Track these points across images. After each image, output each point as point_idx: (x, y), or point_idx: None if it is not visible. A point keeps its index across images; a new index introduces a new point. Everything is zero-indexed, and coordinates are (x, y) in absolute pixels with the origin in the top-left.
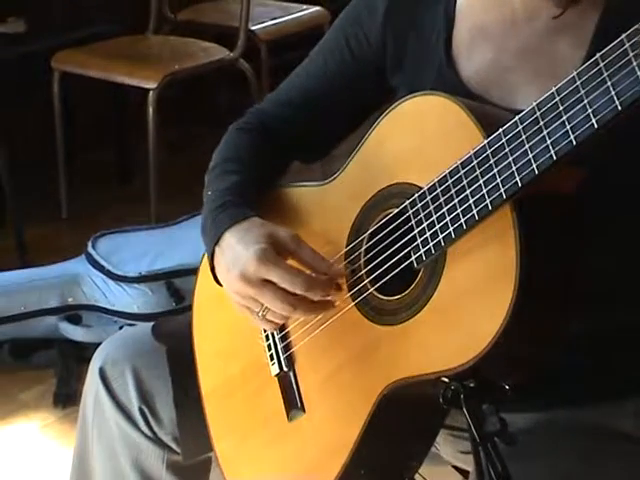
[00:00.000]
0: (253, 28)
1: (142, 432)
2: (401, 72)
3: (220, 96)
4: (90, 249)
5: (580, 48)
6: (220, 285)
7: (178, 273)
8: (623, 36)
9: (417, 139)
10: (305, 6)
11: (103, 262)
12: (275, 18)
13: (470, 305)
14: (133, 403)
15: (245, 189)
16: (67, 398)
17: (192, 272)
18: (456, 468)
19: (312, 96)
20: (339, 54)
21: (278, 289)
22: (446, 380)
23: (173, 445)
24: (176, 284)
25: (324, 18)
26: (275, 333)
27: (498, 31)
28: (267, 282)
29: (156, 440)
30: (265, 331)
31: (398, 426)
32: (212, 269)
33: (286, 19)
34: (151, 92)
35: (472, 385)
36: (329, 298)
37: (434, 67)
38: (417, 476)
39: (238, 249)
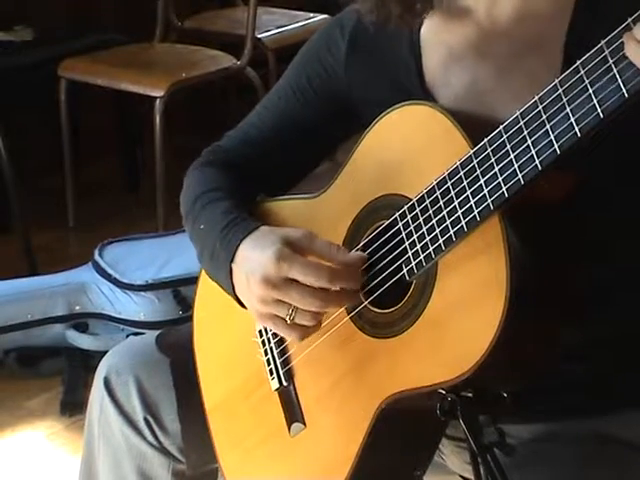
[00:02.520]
0: (260, 36)
1: (147, 441)
2: (375, 107)
3: (227, 104)
4: (97, 257)
5: (553, 62)
6: (244, 307)
7: (185, 281)
8: (602, 42)
9: (405, 149)
10: (312, 14)
11: (110, 270)
12: (282, 26)
13: (463, 316)
14: (138, 413)
15: (241, 208)
16: (74, 406)
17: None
18: (464, 479)
19: (273, 135)
20: (301, 93)
21: (304, 285)
22: (443, 392)
23: (178, 454)
24: (183, 292)
25: None
26: (274, 347)
27: (470, 52)
28: (291, 281)
29: (161, 449)
30: (264, 345)
31: (398, 438)
32: (233, 289)
33: (293, 27)
34: (158, 100)
35: (469, 396)
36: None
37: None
38: None
39: (254, 256)
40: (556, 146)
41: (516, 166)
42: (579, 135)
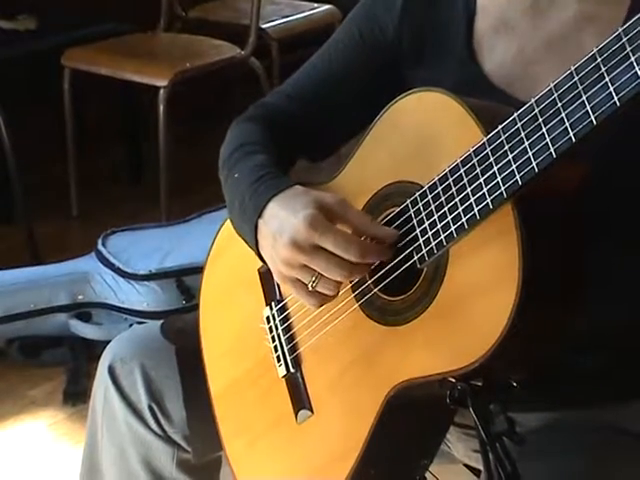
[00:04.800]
0: (264, 26)
1: (152, 430)
2: (420, 67)
3: (231, 94)
4: (100, 247)
5: None
6: (264, 262)
7: (188, 271)
8: (620, 30)
9: (417, 136)
10: (316, 4)
11: (113, 260)
12: (286, 16)
13: (474, 305)
14: (142, 401)
15: (277, 165)
16: (77, 396)
17: (202, 270)
18: (468, 467)
19: (321, 91)
20: (353, 49)
21: (332, 254)
22: (452, 380)
23: (183, 443)
24: (186, 282)
25: (335, 16)
26: (281, 334)
27: (523, 23)
28: (319, 248)
29: (166, 438)
30: (271, 331)
31: (406, 426)
32: (256, 244)
33: (297, 17)
34: (162, 90)
35: (479, 384)
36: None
37: (455, 61)
38: (428, 475)
39: (284, 216)
40: (571, 134)
41: (530, 154)
42: (595, 123)
